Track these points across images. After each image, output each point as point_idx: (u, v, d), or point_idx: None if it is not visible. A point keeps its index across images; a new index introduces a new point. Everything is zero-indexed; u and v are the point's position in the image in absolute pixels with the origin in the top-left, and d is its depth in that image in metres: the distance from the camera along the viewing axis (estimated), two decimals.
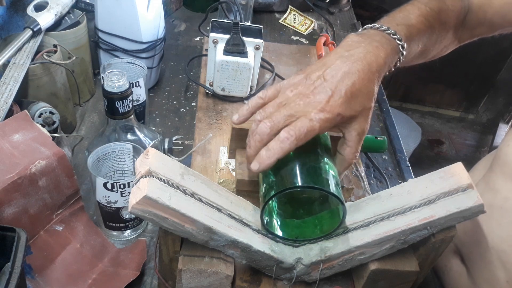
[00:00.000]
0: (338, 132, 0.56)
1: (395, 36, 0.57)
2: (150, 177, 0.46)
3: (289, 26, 1.32)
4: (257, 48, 0.86)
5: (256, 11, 1.31)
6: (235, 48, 0.84)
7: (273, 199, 0.53)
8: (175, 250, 0.52)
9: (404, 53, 0.58)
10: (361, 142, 0.55)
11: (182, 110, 0.95)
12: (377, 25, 0.58)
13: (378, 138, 0.80)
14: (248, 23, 0.98)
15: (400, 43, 0.57)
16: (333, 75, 0.52)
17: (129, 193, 0.52)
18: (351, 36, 0.57)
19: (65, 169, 0.59)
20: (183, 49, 1.15)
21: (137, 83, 0.77)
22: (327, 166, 0.54)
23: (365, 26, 0.60)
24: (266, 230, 0.54)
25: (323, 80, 0.52)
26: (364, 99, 0.53)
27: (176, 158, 0.73)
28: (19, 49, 0.73)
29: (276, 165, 0.52)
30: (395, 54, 0.57)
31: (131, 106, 0.66)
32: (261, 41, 0.85)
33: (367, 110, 0.53)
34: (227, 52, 0.84)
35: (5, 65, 0.70)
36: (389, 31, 0.57)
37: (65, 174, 0.59)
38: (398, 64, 0.59)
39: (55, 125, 0.69)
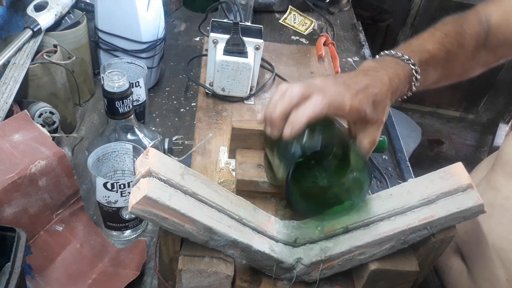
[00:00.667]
0: (353, 132, 0.58)
1: (409, 62, 0.59)
2: (150, 177, 0.46)
3: (289, 26, 1.32)
4: (257, 48, 0.86)
5: (256, 11, 1.31)
6: (235, 48, 0.84)
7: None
8: (175, 250, 0.52)
9: (418, 77, 0.60)
10: (370, 151, 0.58)
11: (182, 110, 0.95)
12: (392, 52, 0.61)
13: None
14: (248, 23, 0.98)
15: (414, 67, 0.59)
16: (357, 82, 0.54)
17: (129, 193, 0.52)
18: (368, 62, 0.61)
19: (65, 169, 0.59)
20: (183, 49, 1.15)
21: (137, 83, 0.77)
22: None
23: (381, 53, 0.63)
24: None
25: (348, 84, 0.54)
26: (380, 112, 0.56)
27: (176, 158, 0.73)
28: (19, 49, 0.73)
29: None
30: (408, 79, 0.60)
31: (131, 106, 0.66)
32: (261, 41, 0.85)
33: (380, 123, 0.57)
34: (227, 52, 0.84)
35: (5, 65, 0.70)
36: (403, 57, 0.60)
37: (65, 174, 0.59)
38: (413, 88, 0.62)
39: (55, 125, 0.69)
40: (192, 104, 0.96)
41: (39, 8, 0.79)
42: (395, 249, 0.53)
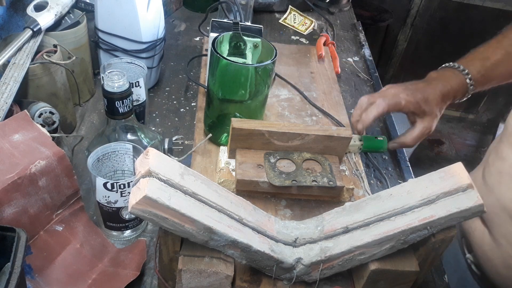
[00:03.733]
0: (413, 121, 0.78)
1: (464, 72, 0.77)
2: (150, 177, 0.46)
3: (289, 26, 1.32)
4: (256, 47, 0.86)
5: (256, 11, 1.31)
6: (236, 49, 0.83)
7: None
8: (175, 250, 0.52)
9: (472, 84, 0.77)
10: (422, 136, 0.78)
11: (182, 110, 0.95)
12: (452, 63, 0.79)
13: (378, 138, 0.80)
14: (248, 23, 0.98)
15: (468, 76, 0.77)
16: (412, 85, 0.77)
17: (129, 193, 0.52)
18: (431, 73, 0.80)
19: (65, 169, 0.59)
20: (183, 49, 1.15)
21: (137, 83, 0.77)
22: None
23: (442, 65, 0.81)
24: None
25: (406, 86, 0.77)
26: (433, 106, 0.75)
27: (176, 158, 0.73)
28: (19, 49, 0.73)
29: None
30: (462, 87, 0.77)
31: (131, 106, 0.66)
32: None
33: (434, 116, 0.76)
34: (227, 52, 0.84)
35: (5, 65, 0.70)
36: (459, 68, 0.78)
37: (65, 174, 0.59)
38: (469, 92, 0.78)
39: (55, 125, 0.69)
40: (192, 104, 0.96)
41: (39, 8, 0.79)
42: (395, 249, 0.53)
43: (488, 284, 0.74)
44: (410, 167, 0.88)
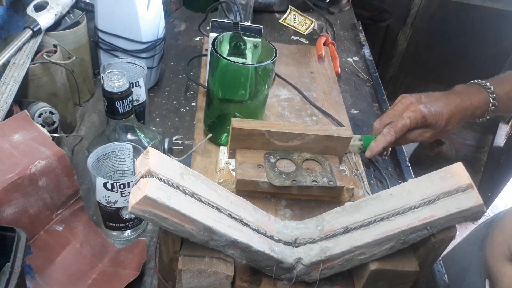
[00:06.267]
0: (422, 135, 0.78)
1: (489, 91, 0.77)
2: (150, 177, 0.46)
3: (289, 26, 1.32)
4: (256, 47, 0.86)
5: (256, 11, 1.31)
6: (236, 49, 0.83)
7: None
8: (175, 250, 0.52)
9: (495, 104, 0.77)
10: (414, 141, 0.80)
11: (182, 110, 0.95)
12: (480, 81, 0.79)
13: None
14: (248, 23, 0.98)
15: (492, 96, 0.77)
16: (430, 97, 0.78)
17: (129, 193, 0.52)
18: (457, 86, 0.80)
19: (65, 169, 0.59)
20: (183, 49, 1.15)
21: (137, 83, 0.77)
22: None
23: (471, 81, 0.81)
24: None
25: (420, 97, 0.78)
26: (443, 122, 0.76)
27: (176, 158, 0.73)
28: (19, 49, 0.73)
29: None
30: (484, 104, 0.77)
31: (131, 106, 0.66)
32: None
33: (442, 130, 0.78)
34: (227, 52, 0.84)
35: (5, 65, 0.70)
36: (485, 86, 0.77)
37: (65, 174, 0.59)
38: (490, 112, 0.78)
39: (55, 125, 0.69)
40: (192, 104, 0.96)
41: (39, 8, 0.79)
42: (395, 249, 0.53)
43: None
44: (410, 167, 0.88)
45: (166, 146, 0.78)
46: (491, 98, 0.76)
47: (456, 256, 0.80)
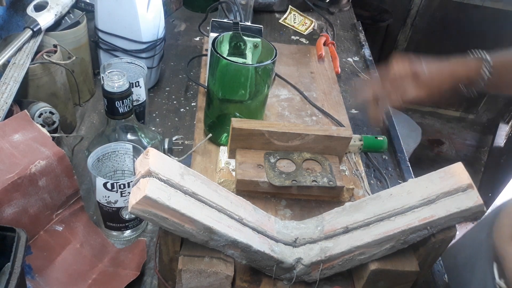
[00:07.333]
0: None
1: (485, 57, 0.73)
2: (150, 177, 0.46)
3: (289, 26, 1.32)
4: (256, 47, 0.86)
5: (256, 11, 1.31)
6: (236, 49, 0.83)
7: None
8: (175, 250, 0.52)
9: (491, 70, 0.72)
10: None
11: (182, 110, 0.95)
12: (478, 50, 0.76)
13: (378, 138, 0.80)
14: (248, 23, 0.98)
15: (487, 58, 0.72)
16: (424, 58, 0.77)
17: (129, 193, 0.52)
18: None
19: (65, 169, 0.59)
20: (183, 49, 1.15)
21: (137, 83, 0.77)
22: None
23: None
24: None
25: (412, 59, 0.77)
26: (432, 79, 0.75)
27: (176, 158, 0.73)
28: (19, 49, 0.73)
29: None
30: (476, 68, 0.73)
31: (131, 106, 0.66)
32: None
33: (428, 89, 0.75)
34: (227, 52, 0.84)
35: (5, 65, 0.70)
36: (481, 52, 0.74)
37: (65, 174, 0.59)
38: (483, 77, 0.73)
39: (55, 125, 0.69)
40: (192, 104, 0.96)
41: (39, 8, 0.79)
42: (395, 249, 0.53)
43: None
44: (410, 167, 0.88)
45: (166, 146, 0.78)
46: (484, 62, 0.74)
47: (466, 242, 0.81)
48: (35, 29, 0.76)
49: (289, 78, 1.02)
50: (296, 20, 1.33)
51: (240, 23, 0.83)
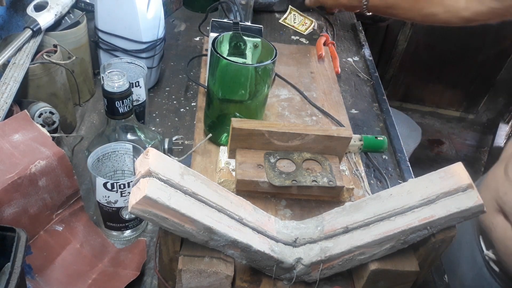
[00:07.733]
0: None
1: None
2: (150, 177, 0.46)
3: (289, 26, 1.32)
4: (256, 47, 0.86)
5: (256, 11, 1.31)
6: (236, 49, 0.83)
7: None
8: (175, 250, 0.52)
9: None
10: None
11: (182, 110, 0.95)
12: None
13: (378, 138, 0.80)
14: (248, 23, 0.98)
15: None
16: None
17: (129, 193, 0.52)
18: None
19: (65, 169, 0.59)
20: (183, 49, 1.15)
21: (137, 83, 0.77)
22: None
23: None
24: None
25: None
26: None
27: (176, 158, 0.73)
28: (19, 49, 0.73)
29: None
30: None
31: (131, 106, 0.66)
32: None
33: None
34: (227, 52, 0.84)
35: (5, 65, 0.70)
36: None
37: (65, 174, 0.59)
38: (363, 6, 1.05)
39: (55, 125, 0.69)
40: (192, 104, 0.96)
41: (39, 8, 0.79)
42: (395, 249, 0.53)
43: (507, 280, 0.73)
44: (410, 167, 0.88)
45: (166, 146, 0.78)
46: None
47: None
48: (35, 29, 0.76)
49: (289, 78, 1.02)
50: (296, 20, 1.33)
51: (240, 23, 0.83)
